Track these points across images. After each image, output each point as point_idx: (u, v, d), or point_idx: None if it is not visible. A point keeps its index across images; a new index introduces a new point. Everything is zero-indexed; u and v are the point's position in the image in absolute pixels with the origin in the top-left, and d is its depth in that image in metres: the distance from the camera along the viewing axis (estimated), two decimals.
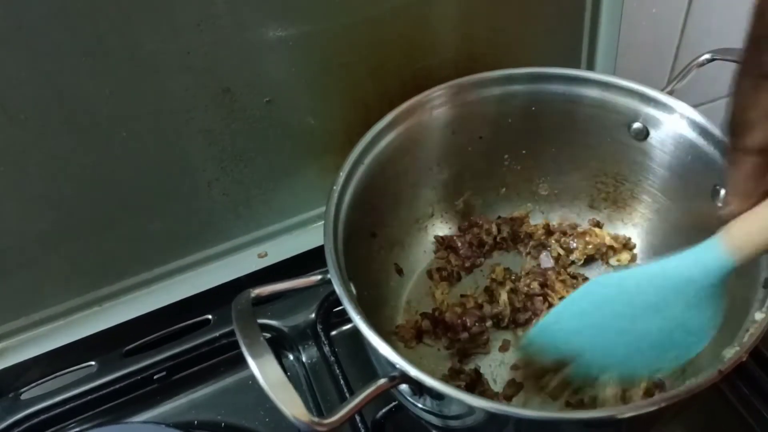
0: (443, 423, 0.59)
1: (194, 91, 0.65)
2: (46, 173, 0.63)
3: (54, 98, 0.59)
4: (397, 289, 0.75)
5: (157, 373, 0.72)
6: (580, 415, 0.53)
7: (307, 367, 0.73)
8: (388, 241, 0.73)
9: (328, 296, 0.75)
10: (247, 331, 0.51)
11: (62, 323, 0.73)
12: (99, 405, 0.71)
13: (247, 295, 0.55)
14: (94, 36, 0.58)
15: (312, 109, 0.72)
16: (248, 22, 0.63)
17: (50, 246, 0.68)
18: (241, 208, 0.76)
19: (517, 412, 0.49)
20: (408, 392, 0.55)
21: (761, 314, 0.53)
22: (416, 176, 0.75)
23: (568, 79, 0.71)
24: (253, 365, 0.49)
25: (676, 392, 0.49)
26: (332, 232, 0.60)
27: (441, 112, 0.72)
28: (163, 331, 0.74)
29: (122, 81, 0.61)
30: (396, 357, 0.51)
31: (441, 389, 0.49)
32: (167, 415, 0.71)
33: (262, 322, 0.73)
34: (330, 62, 0.69)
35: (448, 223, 0.79)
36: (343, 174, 0.64)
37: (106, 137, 0.64)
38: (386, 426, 0.68)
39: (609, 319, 0.55)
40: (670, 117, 0.68)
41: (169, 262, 0.76)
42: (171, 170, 0.69)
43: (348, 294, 0.56)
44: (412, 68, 0.74)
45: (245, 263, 0.78)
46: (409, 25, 0.71)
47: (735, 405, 0.68)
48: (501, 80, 0.72)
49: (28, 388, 0.71)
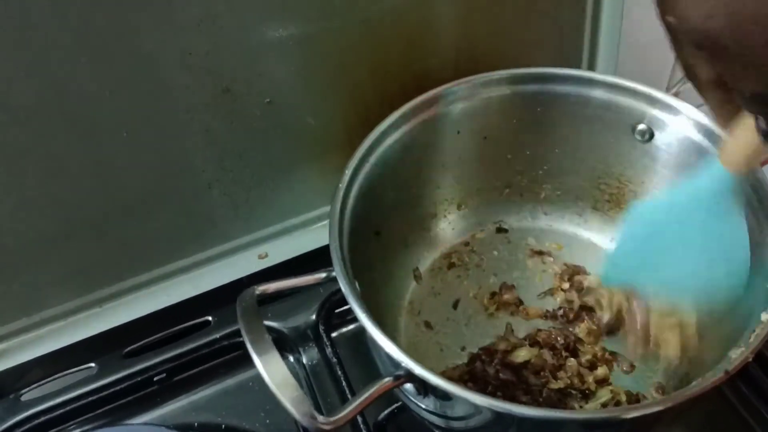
0: (447, 423, 0.59)
1: (194, 91, 0.65)
2: (45, 173, 0.63)
3: (54, 98, 0.59)
4: (400, 289, 0.75)
5: (157, 375, 0.71)
6: (585, 415, 0.54)
7: (307, 369, 0.72)
8: (391, 240, 0.73)
9: (329, 297, 0.75)
10: (252, 328, 0.51)
11: (62, 324, 0.73)
12: (99, 407, 0.71)
13: (251, 292, 0.55)
14: (94, 36, 0.57)
15: (312, 109, 0.72)
16: (248, 22, 0.63)
17: (50, 247, 0.67)
18: (241, 208, 0.75)
19: (523, 412, 0.49)
20: (412, 392, 0.55)
21: (767, 315, 0.53)
22: (421, 175, 0.75)
23: (574, 79, 0.72)
24: (259, 363, 0.49)
25: (682, 392, 0.49)
26: (337, 230, 0.60)
27: (446, 112, 0.72)
28: (164, 332, 0.73)
29: (122, 81, 0.61)
30: (401, 355, 0.51)
31: (447, 388, 0.49)
32: (167, 416, 0.71)
33: (263, 323, 0.72)
34: (330, 62, 0.69)
35: (452, 223, 0.79)
36: (349, 172, 0.64)
37: (106, 137, 0.63)
38: (388, 428, 0.68)
39: (662, 245, 0.61)
40: (675, 118, 0.68)
41: (169, 263, 0.75)
42: (171, 170, 0.69)
43: (354, 292, 0.55)
44: (412, 69, 0.74)
45: (245, 264, 0.77)
46: (410, 25, 0.71)
47: (735, 405, 0.68)
48: (507, 80, 0.72)
49: (29, 389, 0.70)
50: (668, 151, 0.70)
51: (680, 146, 0.68)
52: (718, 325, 0.62)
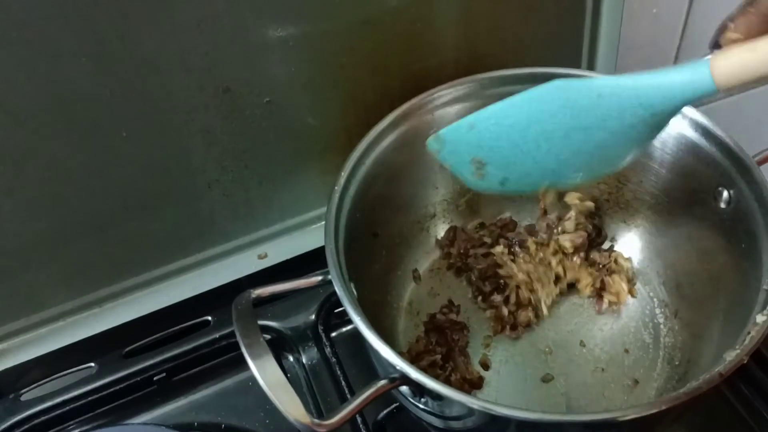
0: (444, 424, 0.59)
1: (194, 91, 0.65)
2: (45, 173, 0.63)
3: (54, 98, 0.59)
4: (399, 290, 0.75)
5: (156, 375, 0.71)
6: (581, 418, 0.54)
7: (307, 369, 0.72)
8: (389, 241, 0.73)
9: (328, 297, 0.75)
10: (247, 332, 0.52)
11: (62, 324, 0.73)
12: (99, 406, 0.71)
13: (247, 295, 0.55)
14: (94, 36, 0.57)
15: (312, 109, 0.72)
16: (248, 22, 0.63)
17: (50, 247, 0.67)
18: (241, 208, 0.75)
19: (518, 415, 0.49)
20: (409, 393, 0.55)
21: (762, 317, 0.53)
22: (418, 176, 0.75)
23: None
24: (253, 366, 0.49)
25: (677, 395, 0.49)
26: (333, 232, 0.60)
27: (443, 113, 0.72)
28: (163, 332, 0.73)
29: (122, 81, 0.61)
30: (396, 359, 0.51)
31: (441, 391, 0.49)
32: (167, 416, 0.71)
33: (262, 323, 0.72)
34: (330, 62, 0.69)
35: (450, 223, 0.79)
36: (345, 174, 0.64)
37: (106, 137, 0.64)
38: (387, 427, 0.68)
39: (548, 131, 0.60)
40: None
41: (168, 263, 0.75)
42: (171, 170, 0.69)
43: (349, 295, 0.55)
44: (412, 68, 0.74)
45: (245, 264, 0.78)
46: (409, 25, 0.71)
47: (735, 405, 0.68)
48: (503, 80, 0.72)
49: (28, 389, 0.71)
50: (665, 149, 0.69)
51: (677, 145, 0.68)
52: (718, 326, 0.63)
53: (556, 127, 0.59)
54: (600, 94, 0.56)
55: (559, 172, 0.63)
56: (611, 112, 0.56)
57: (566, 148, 0.61)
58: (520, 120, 0.61)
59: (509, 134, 0.61)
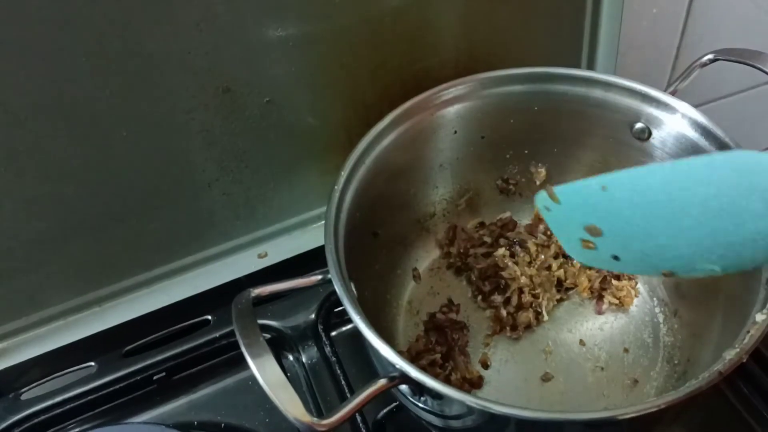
0: (444, 423, 0.59)
1: (194, 91, 0.65)
2: (45, 173, 0.63)
3: (54, 98, 0.59)
4: (399, 289, 0.75)
5: (156, 374, 0.71)
6: (581, 416, 0.53)
7: (307, 368, 0.72)
8: (389, 240, 0.73)
9: (328, 296, 0.75)
10: (246, 331, 0.52)
11: (62, 324, 0.73)
12: (99, 405, 0.71)
13: (247, 294, 0.55)
14: (94, 36, 0.58)
15: (312, 109, 0.72)
16: (248, 22, 0.63)
17: (50, 246, 0.67)
18: (241, 208, 0.75)
19: (517, 413, 0.49)
20: (408, 392, 0.55)
21: (762, 315, 0.53)
22: (418, 176, 0.75)
23: (571, 79, 0.72)
24: (253, 365, 0.49)
25: (676, 393, 0.49)
26: (333, 231, 0.60)
27: (443, 112, 0.72)
28: (163, 331, 0.73)
29: (122, 81, 0.61)
30: (396, 358, 0.51)
31: (441, 390, 0.49)
32: (167, 415, 0.71)
33: (262, 322, 0.72)
34: (330, 62, 0.69)
35: (450, 222, 0.79)
36: (344, 173, 0.64)
37: (106, 137, 0.64)
38: (387, 426, 0.68)
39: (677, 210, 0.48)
40: (672, 117, 0.68)
41: (168, 263, 0.75)
42: (171, 170, 0.69)
43: (348, 294, 0.56)
44: (412, 68, 0.74)
45: (245, 263, 0.78)
46: (409, 25, 0.71)
47: (734, 404, 0.68)
48: (503, 80, 0.72)
49: (28, 388, 0.71)
50: (665, 149, 0.69)
51: (677, 144, 0.68)
52: (717, 325, 0.63)
53: (712, 205, 0.47)
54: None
55: (691, 259, 0.50)
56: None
57: (715, 232, 0.48)
58: (671, 190, 0.49)
59: (648, 205, 0.50)
